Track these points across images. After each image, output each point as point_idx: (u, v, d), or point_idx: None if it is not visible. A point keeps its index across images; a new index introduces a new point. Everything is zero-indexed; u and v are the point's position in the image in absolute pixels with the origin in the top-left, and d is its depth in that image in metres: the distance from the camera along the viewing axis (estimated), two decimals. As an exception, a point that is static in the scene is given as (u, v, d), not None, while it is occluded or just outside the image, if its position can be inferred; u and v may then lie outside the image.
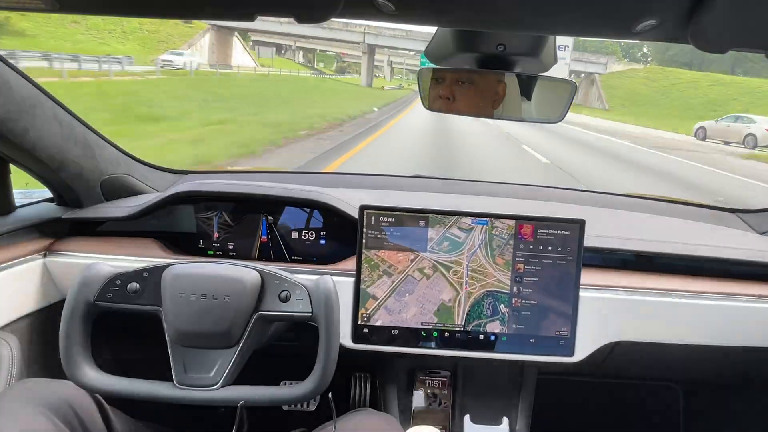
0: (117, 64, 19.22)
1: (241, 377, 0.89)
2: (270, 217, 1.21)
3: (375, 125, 12.94)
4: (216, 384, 0.85)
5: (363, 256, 1.07)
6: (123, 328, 1.29)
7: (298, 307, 0.87)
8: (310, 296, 0.87)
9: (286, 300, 0.87)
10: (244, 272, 0.87)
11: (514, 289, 1.07)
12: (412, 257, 1.09)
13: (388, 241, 1.06)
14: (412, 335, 1.08)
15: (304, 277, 0.90)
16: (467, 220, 1.09)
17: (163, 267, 0.87)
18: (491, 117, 0.89)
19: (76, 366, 0.83)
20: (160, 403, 0.85)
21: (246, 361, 0.89)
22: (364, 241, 1.06)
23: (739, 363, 1.26)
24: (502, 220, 1.08)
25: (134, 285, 0.86)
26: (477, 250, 1.09)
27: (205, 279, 0.86)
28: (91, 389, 0.84)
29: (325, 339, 0.85)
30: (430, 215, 1.06)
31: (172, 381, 0.85)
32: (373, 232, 1.06)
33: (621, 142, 15.48)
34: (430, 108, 0.90)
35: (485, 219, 1.09)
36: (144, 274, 0.87)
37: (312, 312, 0.86)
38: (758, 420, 1.43)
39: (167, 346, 0.86)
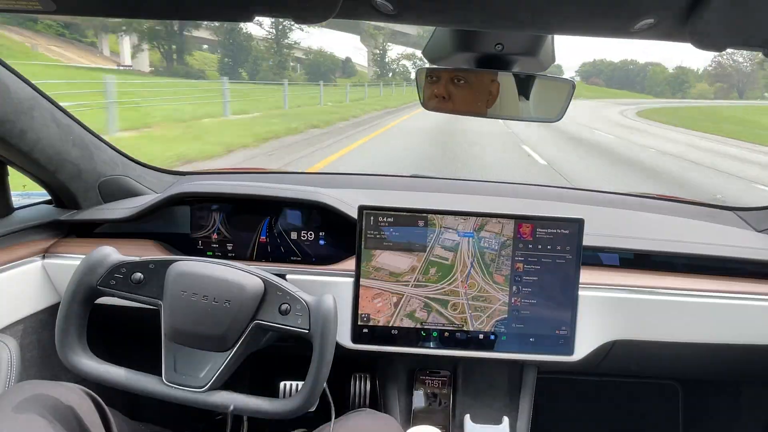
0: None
1: (238, 375, 0.89)
2: (269, 218, 1.21)
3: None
4: (204, 386, 0.85)
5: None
6: (120, 321, 1.29)
7: (296, 322, 0.86)
8: (309, 313, 0.86)
9: (285, 313, 0.87)
10: (248, 279, 0.87)
11: (514, 288, 1.07)
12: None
13: (387, 241, 1.06)
14: (411, 335, 1.08)
15: (309, 281, 0.89)
16: (452, 236, 1.03)
17: (170, 261, 0.87)
18: (485, 116, 0.88)
19: (69, 348, 0.83)
20: (159, 405, 0.85)
21: (237, 366, 0.89)
22: (363, 241, 1.06)
23: (739, 361, 1.26)
24: (487, 228, 1.04)
25: (138, 275, 0.86)
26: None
27: (209, 280, 0.86)
28: (80, 373, 0.84)
29: (317, 358, 0.85)
30: (429, 215, 1.06)
31: (161, 377, 0.85)
32: (372, 232, 1.06)
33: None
34: (426, 107, 0.90)
35: (470, 231, 1.04)
36: (150, 265, 0.87)
37: (309, 330, 0.86)
38: (757, 417, 1.44)
39: (161, 341, 0.86)
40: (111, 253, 0.88)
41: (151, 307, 0.87)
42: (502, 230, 1.05)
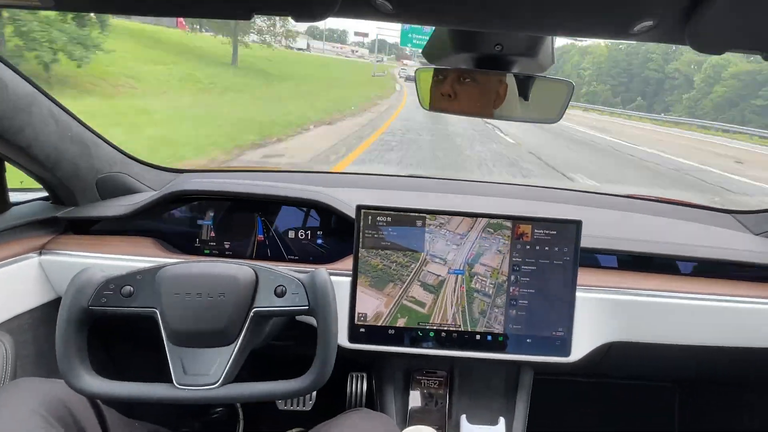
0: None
1: (239, 378, 0.89)
2: (267, 217, 1.21)
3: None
4: (216, 382, 0.84)
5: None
6: (119, 332, 1.28)
7: (295, 302, 0.86)
8: (305, 290, 0.86)
9: (281, 295, 0.86)
10: (238, 269, 0.87)
11: (511, 289, 1.07)
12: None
13: (384, 241, 1.06)
14: (408, 335, 1.08)
15: (299, 268, 0.90)
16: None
17: (156, 269, 0.87)
18: (491, 117, 0.88)
19: (74, 373, 0.83)
20: (154, 403, 0.85)
21: (244, 359, 0.89)
22: (360, 240, 1.06)
23: (735, 363, 1.27)
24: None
25: (128, 288, 0.86)
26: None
27: (199, 278, 0.85)
28: (91, 395, 0.83)
29: (323, 332, 0.85)
30: (428, 215, 1.06)
31: (172, 382, 0.85)
32: (370, 231, 1.06)
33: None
34: (430, 108, 0.89)
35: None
36: (137, 276, 0.86)
37: (309, 305, 0.86)
38: (753, 419, 1.44)
39: (164, 347, 0.86)
40: (96, 272, 0.87)
41: (148, 316, 0.86)
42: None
